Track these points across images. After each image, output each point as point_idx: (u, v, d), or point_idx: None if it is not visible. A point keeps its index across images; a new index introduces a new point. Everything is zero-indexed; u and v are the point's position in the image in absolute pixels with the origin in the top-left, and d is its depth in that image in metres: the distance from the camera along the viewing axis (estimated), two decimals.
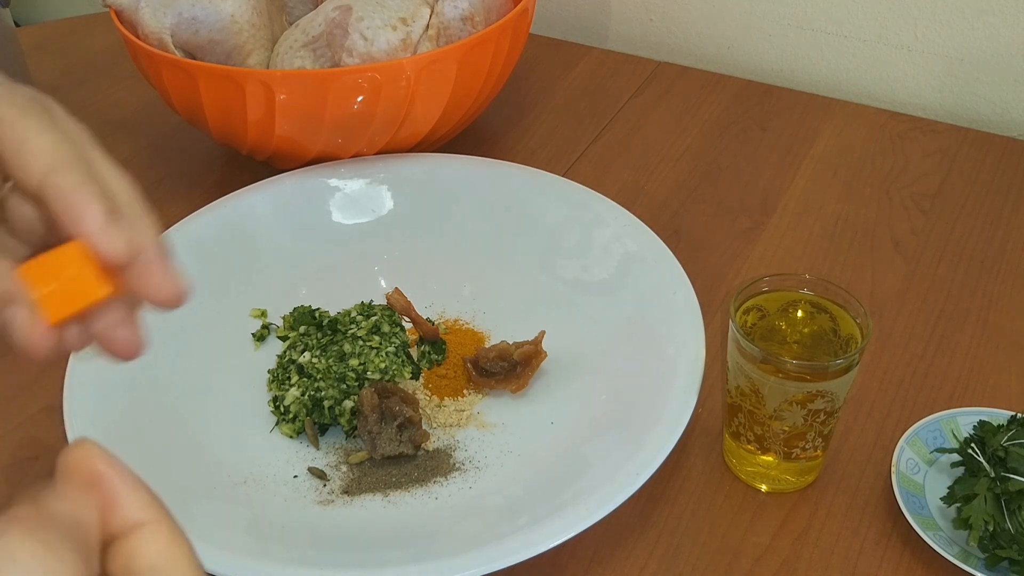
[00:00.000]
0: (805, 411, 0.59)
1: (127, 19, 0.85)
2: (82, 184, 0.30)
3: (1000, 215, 0.87)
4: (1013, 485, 0.57)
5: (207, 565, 0.56)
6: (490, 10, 0.87)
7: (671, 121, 0.99)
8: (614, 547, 0.62)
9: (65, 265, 0.30)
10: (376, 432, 0.65)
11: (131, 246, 0.31)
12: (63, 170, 0.30)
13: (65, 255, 0.30)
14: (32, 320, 0.30)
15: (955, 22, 0.98)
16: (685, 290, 0.72)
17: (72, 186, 0.30)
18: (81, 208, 0.30)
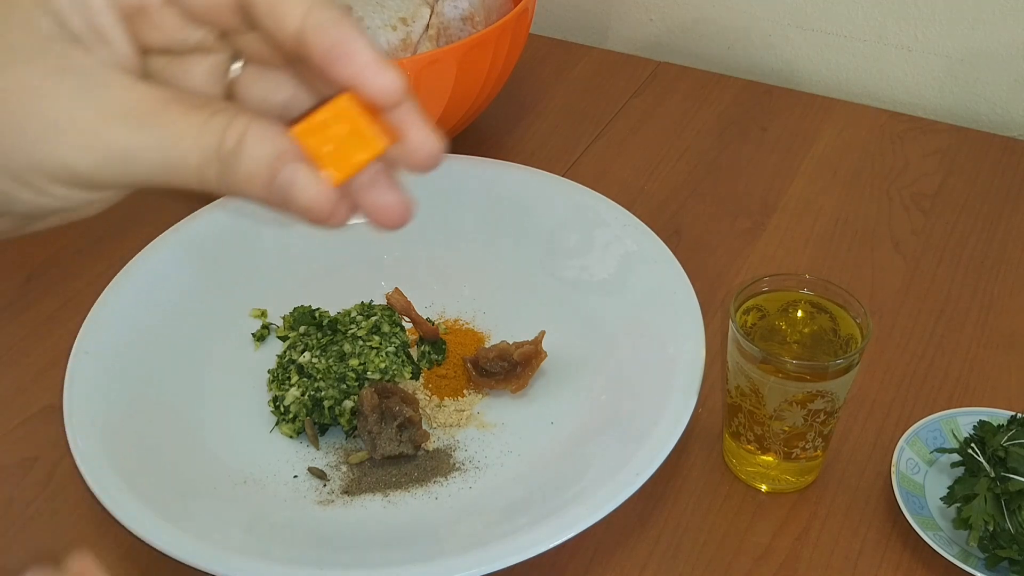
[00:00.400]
0: (805, 411, 0.59)
1: None
2: (345, 20, 0.28)
3: (1000, 215, 0.87)
4: (1013, 485, 0.57)
5: (207, 565, 0.56)
6: (490, 10, 0.87)
7: (671, 121, 0.99)
8: (614, 547, 0.62)
9: (338, 120, 0.28)
10: (376, 432, 0.65)
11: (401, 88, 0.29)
12: (324, 7, 0.28)
13: (336, 110, 0.28)
14: (315, 177, 0.28)
15: (955, 22, 0.98)
16: (685, 290, 0.72)
17: (336, 22, 0.28)
18: (350, 43, 0.28)
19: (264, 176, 0.28)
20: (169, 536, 0.57)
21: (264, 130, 0.28)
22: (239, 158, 0.28)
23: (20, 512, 0.65)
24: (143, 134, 0.27)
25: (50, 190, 0.28)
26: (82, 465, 0.61)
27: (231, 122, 0.28)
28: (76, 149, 0.27)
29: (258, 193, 0.29)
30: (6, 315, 0.79)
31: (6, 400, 0.73)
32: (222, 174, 0.28)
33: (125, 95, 0.28)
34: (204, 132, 0.28)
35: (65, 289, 0.80)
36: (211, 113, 0.28)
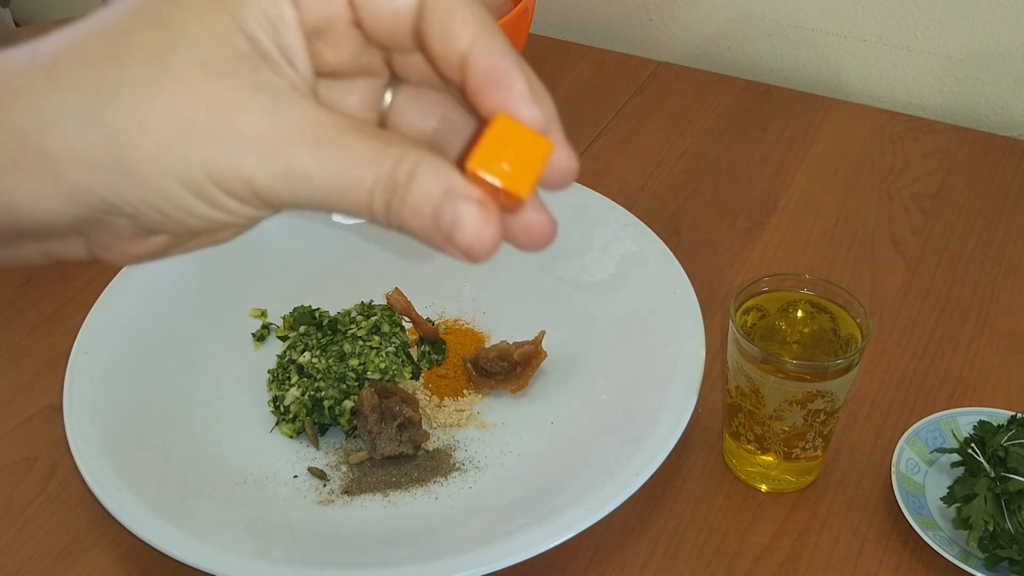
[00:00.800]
0: (805, 411, 0.59)
1: None
2: (508, 50, 0.30)
3: (1000, 215, 0.87)
4: (1013, 485, 0.57)
5: (207, 565, 0.56)
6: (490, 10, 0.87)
7: (671, 121, 0.99)
8: (614, 547, 0.62)
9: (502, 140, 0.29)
10: (376, 432, 0.65)
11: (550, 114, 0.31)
12: (491, 35, 0.30)
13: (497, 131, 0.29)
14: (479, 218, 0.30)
15: (955, 22, 0.98)
16: (685, 290, 0.72)
17: (500, 51, 0.30)
18: (511, 71, 0.30)
19: (431, 210, 0.29)
20: (169, 536, 0.57)
21: (436, 165, 0.29)
22: (409, 190, 0.29)
23: (20, 512, 0.65)
24: (323, 155, 0.29)
25: (223, 203, 0.29)
26: (82, 465, 0.61)
27: (405, 154, 0.29)
28: (259, 163, 0.28)
29: (423, 226, 0.30)
30: (6, 315, 0.79)
31: (6, 400, 0.73)
32: (390, 204, 0.29)
33: (308, 116, 0.29)
34: (379, 160, 0.29)
35: (65, 289, 0.80)
36: (386, 143, 0.29)
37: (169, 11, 0.29)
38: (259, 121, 0.28)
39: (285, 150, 0.28)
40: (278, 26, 0.29)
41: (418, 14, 0.30)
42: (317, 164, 0.29)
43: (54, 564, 0.62)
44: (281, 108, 0.29)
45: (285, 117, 0.29)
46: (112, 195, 0.29)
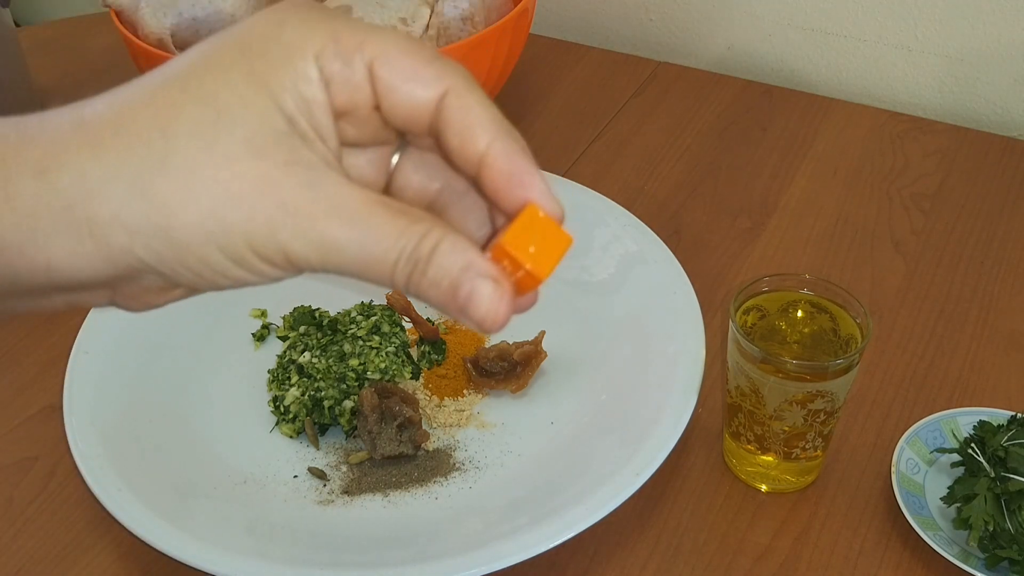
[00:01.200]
0: (805, 411, 0.59)
1: (127, 19, 0.85)
2: (522, 150, 0.33)
3: (1000, 215, 0.87)
4: (1013, 485, 0.57)
5: (207, 565, 0.56)
6: (490, 10, 0.87)
7: (671, 121, 0.99)
8: (614, 547, 0.62)
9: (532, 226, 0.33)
10: (376, 432, 0.65)
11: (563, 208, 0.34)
12: (507, 136, 0.33)
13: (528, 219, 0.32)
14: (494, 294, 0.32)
15: (955, 22, 0.98)
16: (685, 290, 0.72)
17: (518, 151, 0.33)
18: (529, 172, 0.33)
19: (448, 283, 0.32)
20: (169, 536, 0.57)
21: (457, 242, 0.32)
22: (430, 264, 0.31)
23: (20, 512, 0.65)
24: (354, 229, 0.31)
25: (257, 267, 0.32)
26: (82, 465, 0.61)
27: (429, 230, 0.32)
28: (295, 235, 0.31)
29: (441, 297, 0.32)
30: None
31: (6, 400, 0.73)
32: (412, 275, 0.32)
33: (342, 192, 0.32)
34: (404, 234, 0.31)
35: None
36: (413, 220, 0.32)
37: (214, 87, 0.31)
38: (297, 196, 0.31)
39: (320, 223, 0.31)
40: (312, 107, 0.32)
41: (436, 111, 0.33)
42: (348, 237, 0.31)
43: (54, 564, 0.62)
44: (317, 184, 0.31)
45: (321, 193, 0.31)
46: (152, 258, 0.31)
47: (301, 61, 0.31)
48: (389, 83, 0.32)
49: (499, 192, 0.33)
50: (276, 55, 0.31)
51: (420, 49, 0.33)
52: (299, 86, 0.31)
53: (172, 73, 0.32)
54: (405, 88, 0.32)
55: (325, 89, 0.32)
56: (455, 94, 0.32)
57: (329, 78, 0.32)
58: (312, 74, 0.31)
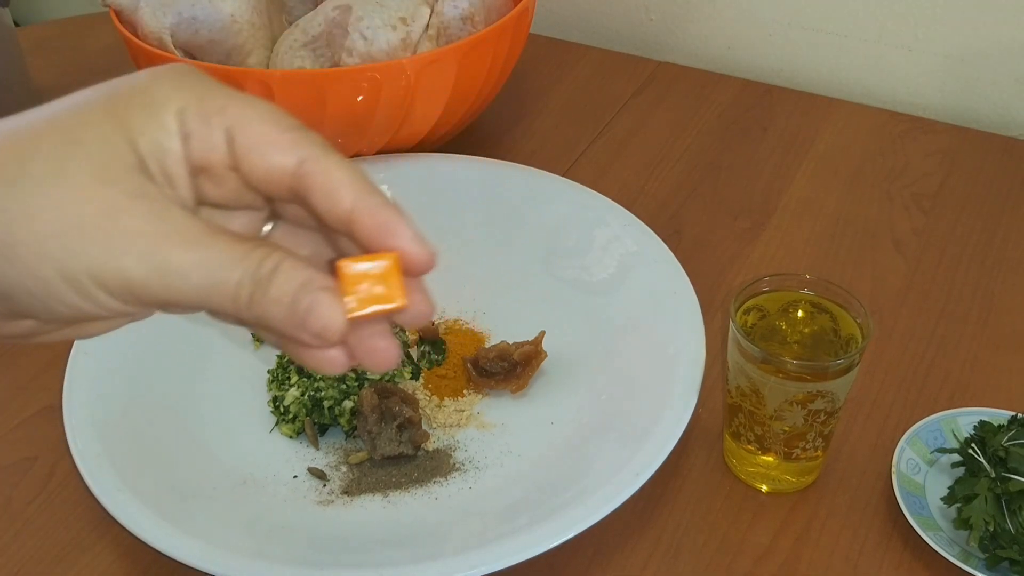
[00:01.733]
0: (805, 411, 0.59)
1: (127, 19, 0.85)
2: (388, 205, 0.35)
3: (1000, 215, 0.87)
4: (1014, 485, 0.57)
5: (207, 565, 0.56)
6: (490, 10, 0.87)
7: (671, 121, 0.99)
8: (614, 547, 0.62)
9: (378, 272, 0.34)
10: (376, 432, 0.65)
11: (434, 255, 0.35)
12: (369, 192, 0.35)
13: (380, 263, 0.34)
14: (333, 306, 0.33)
15: (955, 22, 0.98)
16: (685, 290, 0.72)
17: (382, 205, 0.34)
18: (396, 223, 0.34)
19: (289, 299, 0.33)
20: (169, 536, 0.57)
21: (296, 263, 0.34)
22: (271, 282, 0.33)
23: (19, 512, 0.65)
24: (196, 253, 0.33)
25: (95, 295, 0.33)
26: (81, 465, 0.61)
27: (270, 253, 0.33)
28: (137, 260, 0.32)
29: (282, 314, 0.33)
30: None
31: (6, 400, 0.73)
32: (253, 295, 0.33)
33: (185, 221, 0.33)
34: (247, 257, 0.33)
35: None
36: (254, 245, 0.34)
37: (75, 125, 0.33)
38: (141, 223, 0.32)
39: (163, 248, 0.32)
40: (166, 156, 0.33)
41: (295, 177, 0.34)
42: (191, 260, 0.33)
43: (54, 564, 0.62)
44: (161, 214, 0.33)
45: (164, 221, 0.33)
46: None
47: (163, 113, 0.33)
48: (246, 147, 0.34)
49: (372, 244, 0.34)
50: (140, 103, 0.34)
51: (280, 119, 0.35)
52: (156, 134, 0.33)
53: (48, 109, 0.34)
54: (261, 153, 0.34)
55: (182, 143, 0.34)
56: (313, 160, 0.34)
57: (188, 133, 0.34)
58: (171, 126, 0.33)
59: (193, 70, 0.35)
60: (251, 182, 0.35)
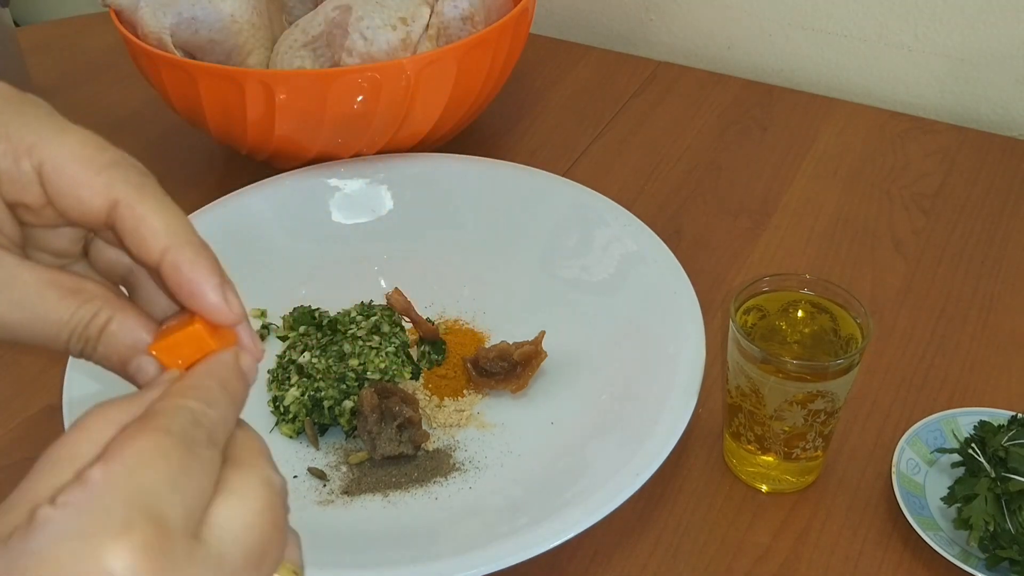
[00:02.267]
0: (805, 411, 0.59)
1: (127, 19, 0.85)
2: (198, 259, 0.34)
3: (1000, 215, 0.87)
4: (1014, 485, 0.57)
5: None
6: (490, 10, 0.87)
7: (671, 121, 0.99)
8: (614, 547, 0.62)
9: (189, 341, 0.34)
10: (376, 432, 0.65)
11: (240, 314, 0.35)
12: (180, 246, 0.34)
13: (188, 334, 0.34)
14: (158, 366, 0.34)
15: (955, 22, 0.98)
16: (685, 290, 0.72)
17: (190, 261, 0.33)
18: (200, 282, 0.34)
19: (118, 359, 0.35)
20: None
21: (124, 322, 0.35)
22: (100, 342, 0.34)
23: None
24: (24, 313, 0.34)
25: None
26: None
27: (98, 311, 0.34)
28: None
29: (113, 369, 0.35)
30: None
31: (6, 400, 0.73)
32: (84, 350, 0.35)
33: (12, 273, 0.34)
34: (75, 316, 0.34)
35: None
36: (83, 300, 0.34)
37: None
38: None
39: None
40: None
41: (109, 218, 0.34)
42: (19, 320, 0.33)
43: None
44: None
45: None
46: None
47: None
48: (57, 188, 0.34)
49: (177, 298, 0.34)
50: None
51: (95, 156, 0.34)
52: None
53: None
54: (72, 196, 0.34)
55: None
56: (125, 205, 0.33)
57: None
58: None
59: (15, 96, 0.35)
60: (67, 219, 0.35)
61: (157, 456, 0.28)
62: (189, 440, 0.29)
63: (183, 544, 0.27)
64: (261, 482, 0.31)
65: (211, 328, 0.34)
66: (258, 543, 0.29)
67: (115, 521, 0.26)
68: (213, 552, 0.28)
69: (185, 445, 0.29)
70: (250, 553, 0.29)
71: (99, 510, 0.27)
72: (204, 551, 0.28)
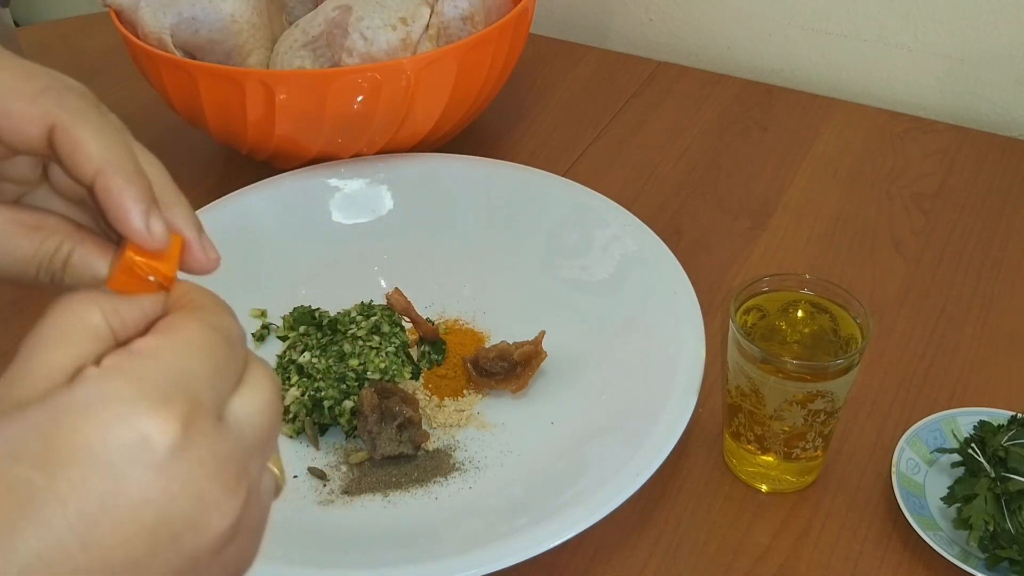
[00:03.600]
0: (805, 411, 0.59)
1: (127, 19, 0.85)
2: (126, 185, 0.34)
3: (1000, 215, 0.87)
4: (1013, 485, 0.57)
5: None
6: (490, 10, 0.87)
7: (671, 121, 0.99)
8: (614, 547, 0.62)
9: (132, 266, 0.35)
10: (376, 432, 0.65)
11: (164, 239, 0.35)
12: (110, 172, 0.34)
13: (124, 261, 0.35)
14: None
15: (955, 22, 0.98)
16: (685, 290, 0.72)
17: (117, 187, 0.34)
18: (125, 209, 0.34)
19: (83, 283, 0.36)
20: None
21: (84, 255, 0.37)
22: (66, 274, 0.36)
23: None
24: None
25: None
26: None
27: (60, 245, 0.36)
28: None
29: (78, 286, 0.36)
30: (6, 315, 0.79)
31: None
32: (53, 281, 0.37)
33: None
34: (39, 251, 0.36)
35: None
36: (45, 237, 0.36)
37: None
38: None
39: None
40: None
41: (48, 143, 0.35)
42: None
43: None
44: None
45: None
46: None
47: None
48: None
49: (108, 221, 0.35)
50: None
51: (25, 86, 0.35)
52: None
53: None
54: (9, 128, 0.34)
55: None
56: (61, 129, 0.34)
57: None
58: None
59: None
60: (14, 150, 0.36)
61: (204, 348, 0.31)
62: (230, 339, 0.32)
63: (212, 423, 0.30)
64: (269, 377, 0.33)
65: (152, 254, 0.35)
66: (266, 428, 0.32)
67: (158, 392, 0.29)
68: (234, 432, 0.31)
69: (227, 343, 0.32)
70: (260, 435, 0.32)
71: (146, 380, 0.29)
72: (227, 430, 0.30)
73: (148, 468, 0.28)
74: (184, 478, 0.28)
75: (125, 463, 0.28)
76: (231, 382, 0.32)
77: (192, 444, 0.29)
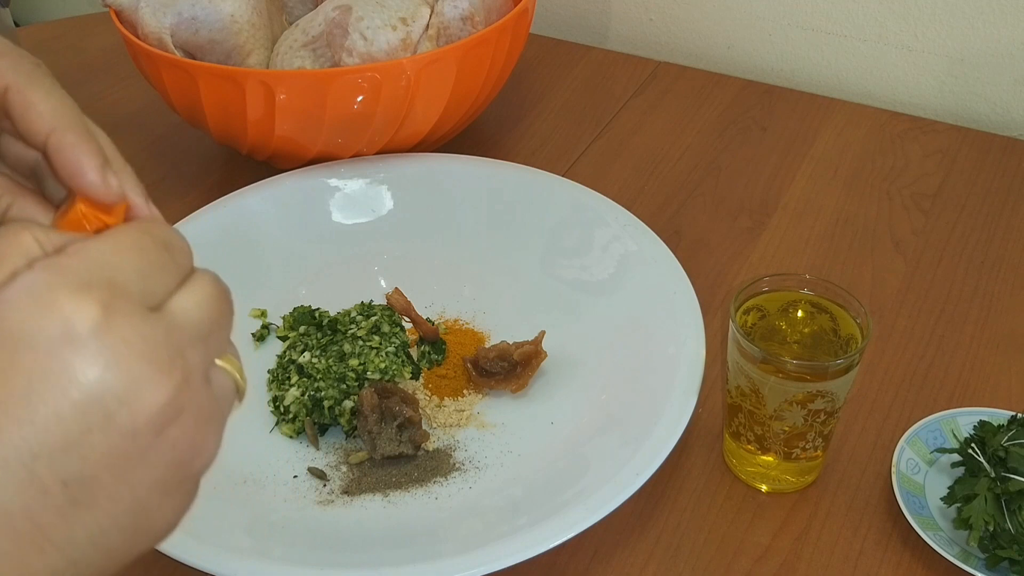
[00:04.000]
0: (805, 411, 0.59)
1: (127, 19, 0.85)
2: (80, 142, 0.35)
3: (1000, 215, 0.87)
4: (1013, 485, 0.57)
5: (207, 565, 0.56)
6: (490, 10, 0.87)
7: (671, 121, 0.99)
8: (614, 547, 0.62)
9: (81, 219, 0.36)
10: (376, 432, 0.65)
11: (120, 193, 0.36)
12: (64, 130, 0.35)
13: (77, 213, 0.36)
14: None
15: (955, 22, 0.98)
16: (685, 290, 0.72)
17: (72, 144, 0.35)
18: (80, 163, 0.35)
19: None
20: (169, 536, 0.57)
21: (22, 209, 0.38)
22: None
23: None
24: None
25: None
26: None
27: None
28: None
29: None
30: None
31: None
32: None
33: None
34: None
35: None
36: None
37: None
38: None
39: None
40: None
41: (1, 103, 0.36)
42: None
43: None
44: None
45: None
46: None
47: None
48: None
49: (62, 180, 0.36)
50: None
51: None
52: None
53: None
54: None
55: None
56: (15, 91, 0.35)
57: None
58: None
59: None
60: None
61: (135, 247, 0.32)
62: (168, 244, 0.33)
63: (138, 309, 0.30)
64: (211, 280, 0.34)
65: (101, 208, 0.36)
66: (206, 320, 0.33)
67: (79, 280, 0.29)
68: (166, 320, 0.31)
69: (164, 247, 0.32)
70: (199, 326, 0.32)
71: (69, 270, 0.30)
72: (157, 317, 0.31)
73: (71, 348, 0.29)
74: (109, 356, 0.29)
75: (48, 344, 0.29)
76: (166, 282, 0.32)
77: (115, 325, 0.29)
